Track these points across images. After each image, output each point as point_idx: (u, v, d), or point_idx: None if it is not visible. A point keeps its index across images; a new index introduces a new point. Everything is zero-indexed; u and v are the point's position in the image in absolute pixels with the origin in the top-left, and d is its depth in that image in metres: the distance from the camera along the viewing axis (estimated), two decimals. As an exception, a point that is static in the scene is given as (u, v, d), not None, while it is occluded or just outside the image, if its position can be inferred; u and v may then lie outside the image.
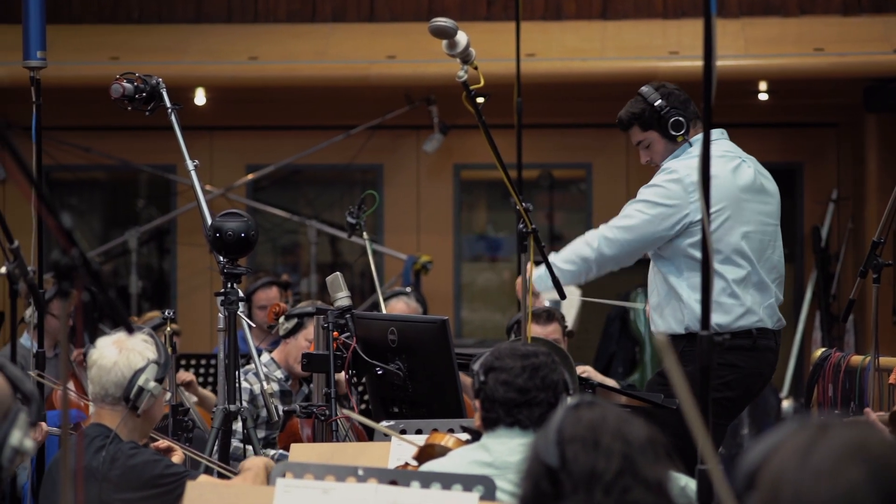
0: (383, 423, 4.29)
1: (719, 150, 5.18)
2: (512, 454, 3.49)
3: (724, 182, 5.13)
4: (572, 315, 7.54)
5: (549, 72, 9.30)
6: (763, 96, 10.01)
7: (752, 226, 5.19)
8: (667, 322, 5.18)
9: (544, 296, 5.26)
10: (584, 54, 9.55)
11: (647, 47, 9.57)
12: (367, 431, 5.19)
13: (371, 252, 6.16)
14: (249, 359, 5.70)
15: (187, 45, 9.75)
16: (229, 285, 4.80)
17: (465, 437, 3.82)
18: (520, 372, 3.56)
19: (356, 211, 6.05)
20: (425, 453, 3.79)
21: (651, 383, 5.35)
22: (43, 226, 5.36)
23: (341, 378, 5.14)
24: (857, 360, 5.28)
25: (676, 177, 5.15)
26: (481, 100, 4.67)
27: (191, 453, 4.45)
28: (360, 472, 3.28)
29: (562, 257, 5.30)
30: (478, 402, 3.62)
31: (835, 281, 10.12)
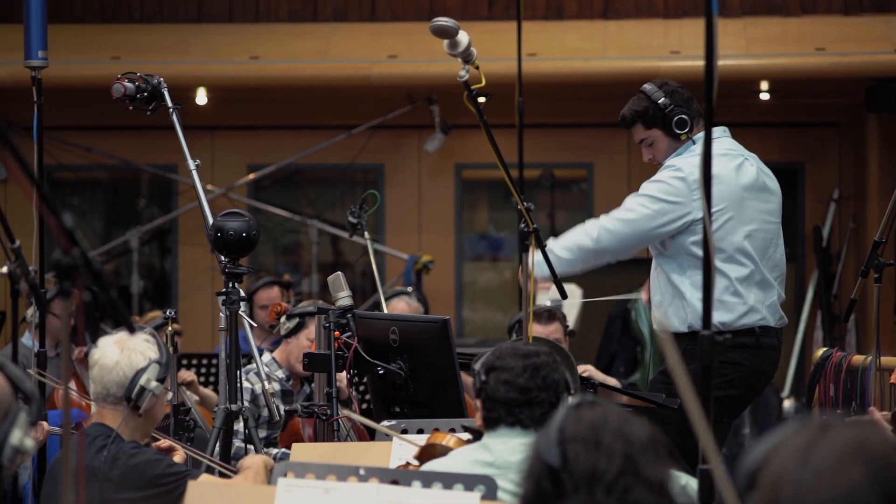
0: (384, 423, 4.28)
1: (722, 147, 5.17)
2: (513, 454, 3.48)
3: (727, 181, 5.12)
4: (574, 314, 7.54)
5: (551, 71, 9.30)
6: (764, 96, 10.00)
7: (755, 224, 5.18)
8: (669, 321, 5.17)
9: (542, 284, 5.23)
10: (585, 54, 9.54)
11: (648, 47, 9.56)
12: (368, 431, 5.19)
13: (372, 252, 6.16)
14: (251, 358, 5.71)
15: (188, 45, 9.75)
16: (231, 285, 4.80)
17: (466, 436, 3.82)
18: (521, 371, 3.56)
19: (357, 210, 6.05)
20: (426, 453, 3.79)
21: (654, 382, 5.34)
22: (44, 225, 5.35)
23: (343, 382, 5.13)
24: (858, 359, 5.28)
25: (681, 174, 5.13)
26: (483, 99, 4.67)
27: (192, 453, 4.45)
28: (362, 472, 3.28)
29: (561, 244, 5.28)
30: (479, 401, 3.61)
31: (836, 281, 10.11)
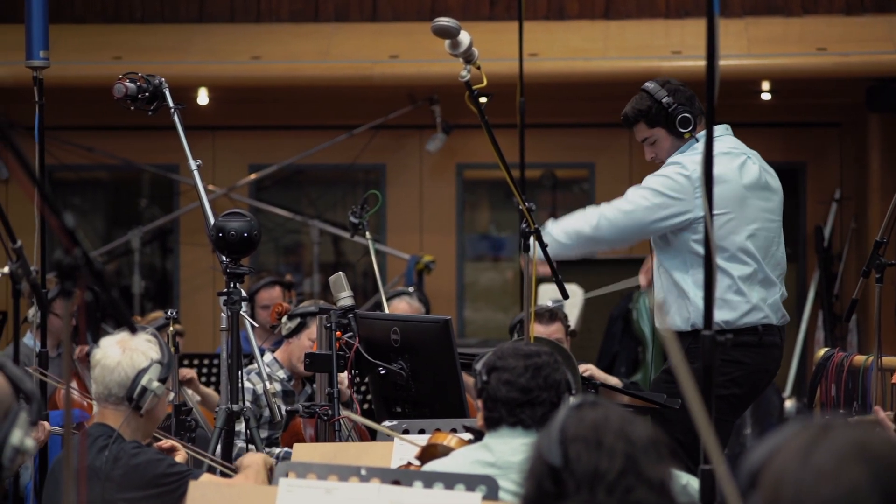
0: (386, 423, 4.29)
1: (724, 146, 5.16)
2: (514, 454, 3.48)
3: (731, 181, 5.11)
4: (575, 314, 7.54)
5: (552, 72, 9.30)
6: (766, 96, 10.00)
7: (758, 223, 5.18)
8: (672, 319, 5.16)
9: (542, 268, 5.20)
10: (586, 54, 9.54)
11: (649, 47, 9.56)
12: (369, 431, 5.19)
13: (374, 252, 6.16)
14: (252, 359, 5.70)
15: (190, 45, 9.75)
16: (232, 285, 4.80)
17: (467, 436, 3.82)
18: (522, 371, 3.56)
19: (359, 211, 6.05)
20: (428, 453, 3.79)
21: (657, 381, 5.33)
22: (46, 225, 5.35)
23: (344, 383, 5.13)
24: (859, 359, 5.27)
25: (686, 172, 5.11)
26: (484, 99, 4.67)
27: (194, 453, 4.45)
28: (363, 472, 3.28)
29: (560, 228, 5.25)
30: (480, 401, 3.61)
31: (837, 281, 10.11)
